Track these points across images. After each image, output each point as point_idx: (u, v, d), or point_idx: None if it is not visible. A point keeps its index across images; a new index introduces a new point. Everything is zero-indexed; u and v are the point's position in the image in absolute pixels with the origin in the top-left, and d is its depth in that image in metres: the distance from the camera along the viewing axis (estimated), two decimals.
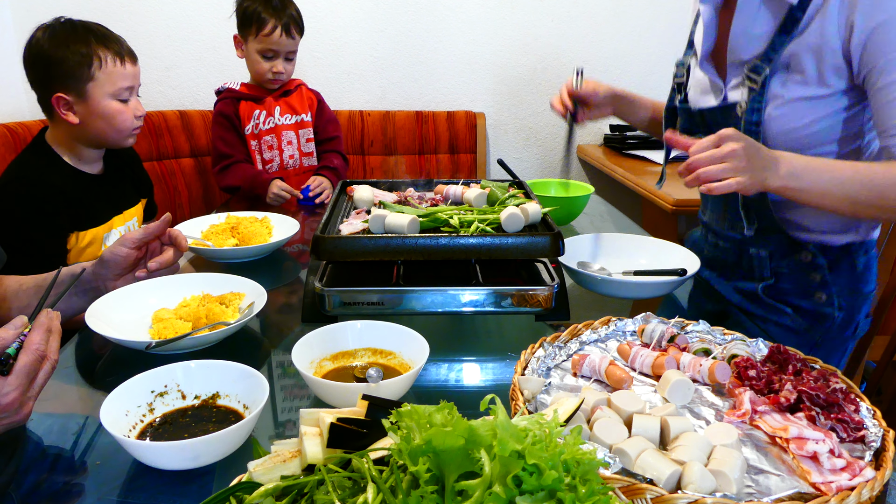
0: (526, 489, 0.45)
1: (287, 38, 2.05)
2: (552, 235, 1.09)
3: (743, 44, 1.25)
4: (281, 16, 2.03)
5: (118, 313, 1.10)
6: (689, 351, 0.95)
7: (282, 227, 1.60)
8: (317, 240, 1.08)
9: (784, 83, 1.21)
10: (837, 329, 1.34)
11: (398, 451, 0.49)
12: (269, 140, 2.17)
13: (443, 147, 2.90)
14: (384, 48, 2.84)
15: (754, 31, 1.23)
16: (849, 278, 1.32)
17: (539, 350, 0.93)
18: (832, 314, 1.33)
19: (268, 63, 2.07)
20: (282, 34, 2.03)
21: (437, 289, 1.08)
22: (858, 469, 0.69)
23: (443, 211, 1.18)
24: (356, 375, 0.93)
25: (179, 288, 1.19)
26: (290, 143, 2.21)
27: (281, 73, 2.10)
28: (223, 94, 2.16)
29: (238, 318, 1.10)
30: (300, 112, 2.22)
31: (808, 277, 1.33)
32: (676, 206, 2.12)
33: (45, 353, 0.80)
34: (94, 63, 1.50)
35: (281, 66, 2.09)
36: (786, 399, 0.80)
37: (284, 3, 2.06)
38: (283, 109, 2.18)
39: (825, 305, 1.33)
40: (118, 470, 0.77)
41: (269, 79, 2.11)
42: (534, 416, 0.54)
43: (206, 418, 0.84)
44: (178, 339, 1.00)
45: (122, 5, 2.66)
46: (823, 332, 1.35)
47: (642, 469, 0.67)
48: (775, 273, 1.36)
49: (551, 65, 2.95)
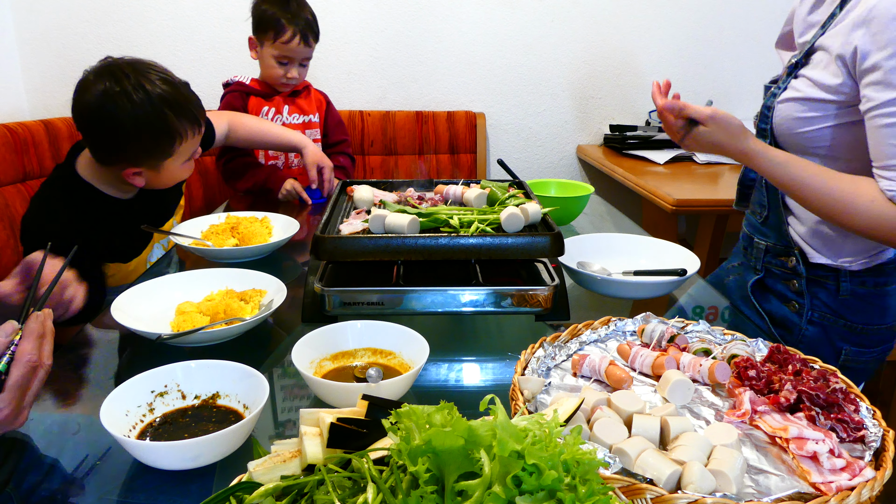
0: (526, 489, 0.45)
1: (304, 46, 2.07)
2: (552, 235, 1.09)
3: (801, 29, 1.28)
4: (299, 23, 2.04)
5: (142, 306, 1.12)
6: (689, 351, 0.95)
7: (282, 227, 1.60)
8: (317, 240, 1.08)
9: (803, 76, 1.23)
10: (809, 344, 1.33)
11: (398, 451, 0.49)
12: None
13: (443, 147, 2.90)
14: (384, 48, 2.84)
15: (812, 18, 1.25)
16: (827, 298, 1.31)
17: (539, 350, 0.93)
18: (799, 325, 1.33)
19: (282, 69, 2.09)
20: (299, 42, 2.05)
21: (437, 289, 1.08)
22: (858, 469, 0.69)
23: (443, 211, 1.18)
24: (356, 375, 0.93)
25: (207, 282, 1.21)
26: None
27: (294, 79, 2.12)
28: (233, 86, 2.15)
29: (253, 314, 1.11)
30: (308, 112, 2.24)
31: (789, 282, 1.35)
32: (676, 206, 2.13)
33: (37, 362, 0.77)
34: (176, 142, 1.41)
35: (295, 71, 2.11)
36: (786, 399, 0.80)
37: (302, 10, 2.07)
38: (291, 109, 2.20)
39: (795, 314, 1.34)
40: (118, 470, 0.77)
41: (283, 83, 2.13)
42: (534, 416, 0.54)
43: (206, 418, 0.84)
44: (190, 333, 1.00)
45: (122, 5, 2.66)
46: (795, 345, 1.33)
47: (642, 469, 0.67)
48: (766, 268, 1.39)
49: (551, 65, 2.95)
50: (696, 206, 2.21)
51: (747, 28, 2.93)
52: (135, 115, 1.33)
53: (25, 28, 2.64)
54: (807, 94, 1.21)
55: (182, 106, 1.40)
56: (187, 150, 1.45)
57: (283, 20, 2.01)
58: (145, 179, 1.45)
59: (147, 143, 1.38)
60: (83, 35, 2.65)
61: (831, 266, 1.29)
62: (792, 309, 1.35)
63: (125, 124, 1.33)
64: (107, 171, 1.46)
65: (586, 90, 3.02)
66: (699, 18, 2.92)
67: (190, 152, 1.47)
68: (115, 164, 1.42)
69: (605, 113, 3.07)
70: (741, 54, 2.98)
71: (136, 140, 1.36)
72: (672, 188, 2.23)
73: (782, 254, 1.35)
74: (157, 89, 1.36)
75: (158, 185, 1.49)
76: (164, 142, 1.40)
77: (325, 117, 2.29)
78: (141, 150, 1.39)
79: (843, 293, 1.29)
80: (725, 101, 3.06)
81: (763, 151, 1.20)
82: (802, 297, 1.33)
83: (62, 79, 2.66)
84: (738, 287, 1.48)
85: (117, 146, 1.38)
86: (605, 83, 3.02)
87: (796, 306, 1.34)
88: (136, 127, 1.34)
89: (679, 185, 2.36)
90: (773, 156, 1.20)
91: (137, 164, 1.41)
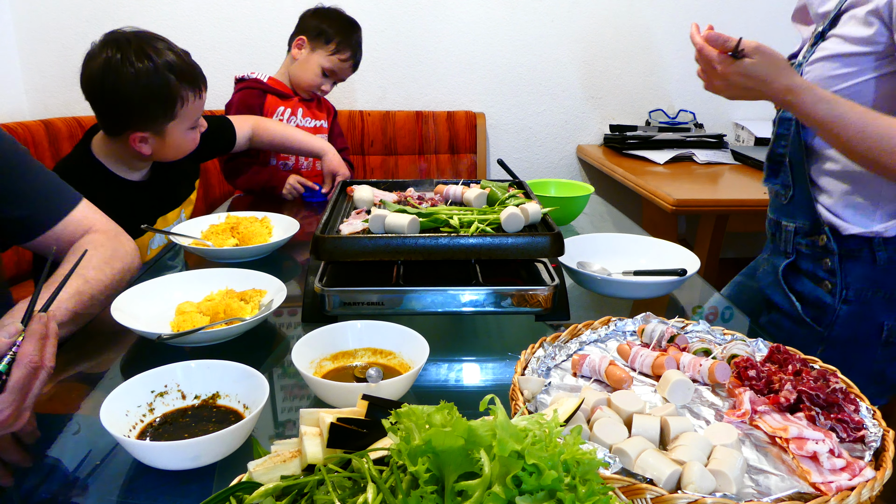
0: (526, 489, 0.45)
1: (351, 70, 2.22)
2: (552, 235, 1.09)
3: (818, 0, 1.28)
4: (357, 51, 2.18)
5: (142, 306, 1.12)
6: (689, 351, 0.95)
7: (282, 227, 1.60)
8: (317, 240, 1.08)
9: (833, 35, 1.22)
10: (844, 326, 1.31)
11: (398, 451, 0.49)
12: None
13: (443, 147, 2.90)
14: (384, 48, 2.84)
15: None
16: (864, 272, 1.29)
17: (539, 350, 0.93)
18: (833, 306, 1.31)
19: (322, 80, 2.17)
20: (351, 66, 2.19)
21: (437, 289, 1.08)
22: (858, 469, 0.69)
23: (443, 211, 1.18)
24: (356, 375, 0.93)
25: (207, 282, 1.21)
26: None
27: (325, 92, 2.22)
28: (249, 82, 2.17)
29: (253, 314, 1.11)
30: (319, 118, 2.28)
31: (820, 262, 1.33)
32: (676, 206, 2.13)
33: (38, 363, 0.77)
34: (178, 105, 1.47)
35: (329, 86, 2.21)
36: (786, 399, 0.80)
37: (360, 39, 2.19)
38: (305, 112, 2.24)
39: (828, 294, 1.32)
40: (118, 470, 0.77)
41: (313, 91, 2.19)
42: (534, 416, 0.54)
43: (206, 418, 0.84)
44: (190, 333, 1.00)
45: (121, 5, 2.67)
46: (825, 328, 1.33)
47: (642, 469, 0.67)
48: (796, 250, 1.38)
49: (551, 65, 2.95)
50: (696, 206, 2.21)
51: (747, 27, 2.93)
52: (136, 78, 1.41)
53: (25, 28, 2.64)
54: (839, 50, 1.20)
55: (182, 70, 1.47)
56: (189, 114, 1.51)
57: (344, 41, 2.13)
58: (151, 148, 1.52)
59: (149, 105, 1.44)
60: (83, 35, 2.65)
61: (865, 236, 1.27)
62: (825, 289, 1.32)
63: (127, 87, 1.41)
64: (117, 145, 1.54)
65: (586, 90, 3.02)
66: (699, 18, 2.90)
67: (192, 118, 1.53)
68: (122, 131, 1.49)
69: (605, 113, 3.07)
70: None
71: (138, 102, 1.43)
72: (672, 188, 2.23)
73: (812, 233, 1.33)
74: (159, 55, 1.44)
75: (165, 154, 1.56)
76: (166, 104, 1.46)
77: (331, 125, 2.34)
78: (143, 112, 1.45)
79: (880, 262, 1.27)
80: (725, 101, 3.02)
81: (809, 86, 1.17)
82: (835, 276, 1.30)
83: (62, 79, 2.66)
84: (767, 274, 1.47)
85: (120, 110, 1.45)
86: (605, 83, 3.02)
87: (829, 286, 1.32)
88: (137, 89, 1.41)
89: (679, 185, 2.36)
90: (818, 91, 1.17)
91: (142, 128, 1.47)
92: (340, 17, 2.18)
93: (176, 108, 1.47)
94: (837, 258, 1.30)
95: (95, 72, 1.42)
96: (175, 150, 1.56)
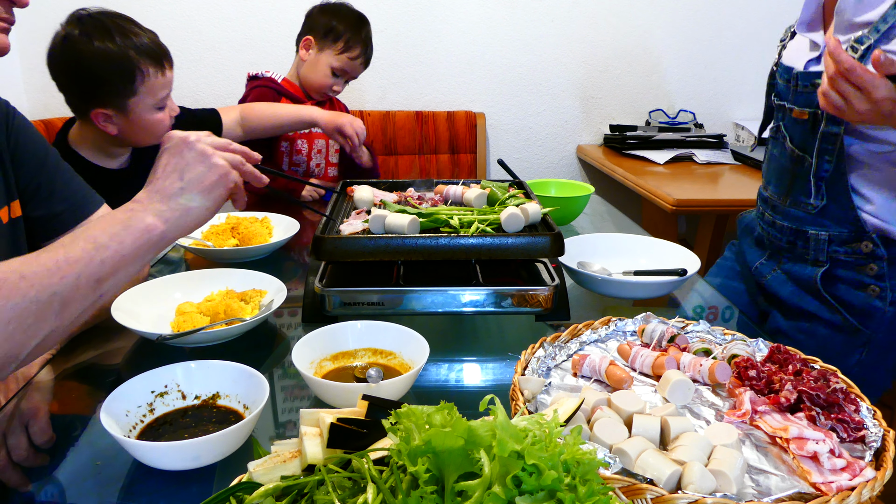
0: (525, 489, 0.45)
1: (363, 68, 2.15)
2: (552, 235, 1.09)
3: (852, 4, 1.22)
4: (368, 47, 2.11)
5: (142, 306, 1.12)
6: (689, 351, 0.95)
7: (282, 227, 1.60)
8: (317, 240, 1.08)
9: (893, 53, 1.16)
10: (889, 327, 1.30)
11: (398, 451, 0.49)
12: (300, 144, 2.17)
13: (443, 147, 2.90)
14: (384, 48, 2.84)
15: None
16: None
17: (539, 350, 0.93)
18: (882, 309, 1.30)
19: (333, 80, 2.11)
20: (362, 63, 2.12)
21: (438, 289, 1.08)
22: (858, 469, 0.69)
23: (443, 211, 1.18)
24: (356, 375, 0.93)
25: (208, 282, 1.21)
26: (319, 152, 2.21)
27: (337, 92, 2.17)
28: (265, 80, 2.11)
29: (254, 315, 1.11)
30: None
31: (864, 268, 1.31)
32: (676, 206, 2.13)
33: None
34: (137, 79, 1.47)
35: (341, 86, 2.15)
36: (786, 399, 0.80)
37: (370, 35, 2.13)
38: None
39: (877, 298, 1.30)
40: (118, 470, 0.77)
41: (324, 92, 2.14)
42: (534, 416, 0.54)
43: (207, 418, 0.84)
44: (190, 333, 1.00)
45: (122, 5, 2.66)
46: (873, 331, 1.31)
47: (642, 469, 0.67)
48: (831, 258, 1.33)
49: (551, 65, 2.95)
50: (696, 206, 2.21)
51: (747, 28, 2.93)
52: (95, 50, 1.43)
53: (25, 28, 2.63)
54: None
55: (144, 45, 1.48)
56: (151, 90, 1.50)
57: (354, 39, 2.07)
58: (117, 127, 1.52)
59: (108, 77, 1.45)
60: None
61: None
62: (872, 294, 1.30)
63: (86, 61, 1.44)
64: (90, 132, 1.56)
65: (586, 90, 3.02)
66: (699, 18, 2.91)
67: (155, 95, 1.51)
68: (86, 109, 1.50)
69: (605, 113, 3.07)
70: (741, 54, 2.98)
71: (97, 74, 1.44)
72: (672, 188, 2.23)
73: (852, 240, 1.31)
74: (120, 31, 1.46)
75: (135, 136, 1.56)
76: (125, 76, 1.46)
77: None
78: (103, 85, 1.46)
79: None
80: (725, 101, 3.06)
81: None
82: (884, 280, 1.28)
83: None
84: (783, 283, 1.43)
85: (81, 84, 1.48)
86: (605, 83, 3.02)
87: (877, 290, 1.29)
88: (96, 61, 1.43)
89: (679, 185, 2.36)
90: None
91: (104, 102, 1.48)
92: (348, 11, 2.11)
93: (136, 81, 1.47)
94: (886, 263, 1.28)
95: (57, 47, 1.46)
96: (143, 131, 1.55)
